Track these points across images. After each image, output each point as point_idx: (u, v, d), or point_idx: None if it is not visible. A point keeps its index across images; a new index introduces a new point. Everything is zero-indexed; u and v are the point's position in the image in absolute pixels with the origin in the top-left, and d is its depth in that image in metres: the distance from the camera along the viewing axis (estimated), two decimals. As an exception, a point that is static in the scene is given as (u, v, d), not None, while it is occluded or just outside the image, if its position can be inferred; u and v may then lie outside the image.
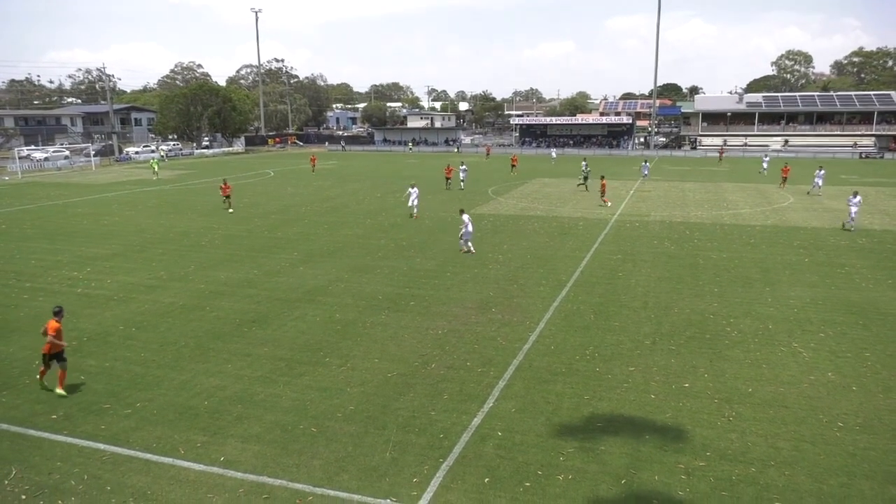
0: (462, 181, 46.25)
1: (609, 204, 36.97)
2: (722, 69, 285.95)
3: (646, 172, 52.11)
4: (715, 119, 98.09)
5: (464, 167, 47.43)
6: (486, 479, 9.52)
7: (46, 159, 72.28)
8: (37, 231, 30.39)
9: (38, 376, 12.75)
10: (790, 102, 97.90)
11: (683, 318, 16.70)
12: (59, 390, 12.48)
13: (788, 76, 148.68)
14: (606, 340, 15.17)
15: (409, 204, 33.43)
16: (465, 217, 24.62)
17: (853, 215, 29.02)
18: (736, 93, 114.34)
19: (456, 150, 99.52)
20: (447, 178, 46.74)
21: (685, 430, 10.96)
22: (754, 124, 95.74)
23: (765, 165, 56.02)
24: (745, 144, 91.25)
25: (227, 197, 36.54)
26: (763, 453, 10.18)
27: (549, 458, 10.10)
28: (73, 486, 9.46)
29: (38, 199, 42.47)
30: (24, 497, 9.19)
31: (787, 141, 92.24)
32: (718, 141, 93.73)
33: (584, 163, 52.09)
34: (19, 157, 64.81)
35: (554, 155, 76.22)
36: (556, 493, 9.19)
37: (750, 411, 11.58)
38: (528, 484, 9.40)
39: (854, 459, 9.97)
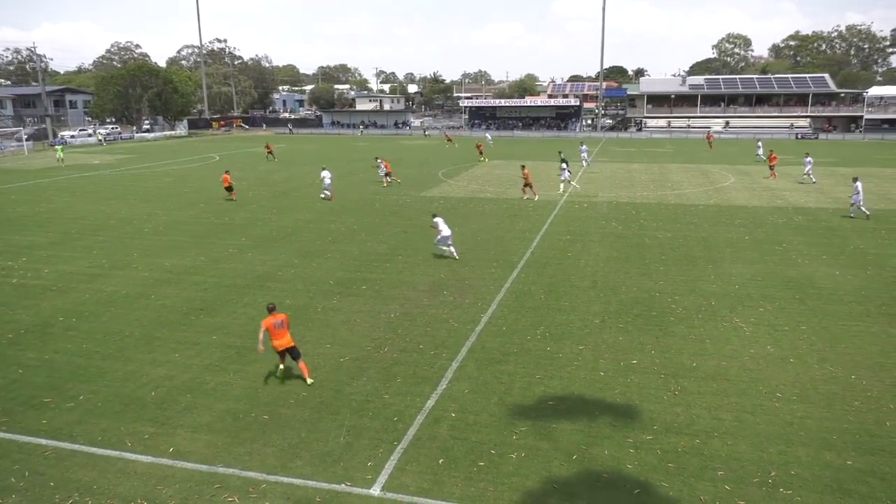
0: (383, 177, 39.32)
1: (537, 197, 33.05)
2: (666, 52, 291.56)
3: (586, 157, 48.36)
4: (659, 101, 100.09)
5: (380, 162, 40.18)
6: (441, 460, 9.60)
7: (-25, 144, 68.76)
8: (-34, 220, 28.93)
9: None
10: (730, 85, 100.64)
11: (631, 297, 17.09)
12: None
13: (729, 59, 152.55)
14: (557, 320, 15.41)
15: (324, 186, 33.40)
16: (438, 219, 21.19)
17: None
18: (679, 75, 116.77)
19: (424, 134, 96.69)
20: (387, 174, 38.87)
21: (633, 405, 11.26)
22: (697, 106, 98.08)
23: (759, 151, 54.03)
24: (689, 126, 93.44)
25: (230, 188, 33.51)
26: (707, 425, 10.55)
27: (503, 437, 10.25)
28: (14, 484, 9.12)
29: (-33, 186, 40.40)
30: (-40, 497, 8.83)
31: (728, 122, 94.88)
32: (663, 122, 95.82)
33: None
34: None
35: (489, 137, 73.98)
36: (510, 471, 9.34)
37: (694, 385, 11.97)
38: (482, 463, 9.52)
39: (792, 428, 10.42)
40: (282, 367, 12.42)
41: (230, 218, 28.63)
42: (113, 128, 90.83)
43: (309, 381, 12.15)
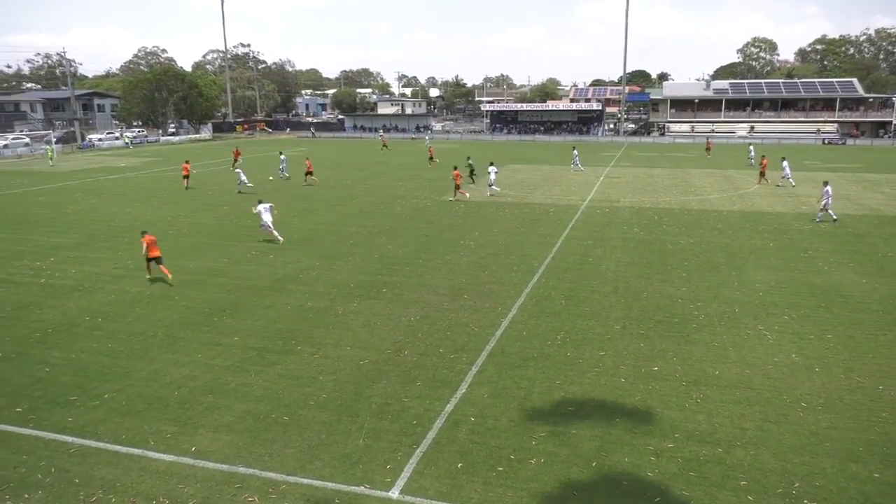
0: (282, 171, 43.91)
1: (466, 196, 34.42)
2: (690, 56, 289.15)
3: (577, 162, 49.51)
4: (683, 105, 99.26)
5: (283, 158, 44.93)
6: (460, 464, 9.59)
7: (6, 146, 70.26)
8: (-3, 220, 29.56)
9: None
10: (756, 89, 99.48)
11: (652, 303, 16.94)
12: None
13: (754, 63, 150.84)
14: (577, 325, 15.33)
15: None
16: (260, 206, 23.64)
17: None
18: (703, 80, 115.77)
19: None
20: (309, 174, 41.41)
21: (654, 412, 11.15)
22: (721, 111, 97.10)
23: (751, 156, 54.16)
24: (713, 131, 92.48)
25: (187, 177, 39.81)
26: (729, 434, 10.42)
27: (522, 442, 10.21)
28: (40, 480, 9.29)
29: (-2, 188, 41.29)
30: (-12, 492, 9.01)
31: (752, 127, 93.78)
32: (686, 127, 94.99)
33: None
34: (-23, 145, 62.84)
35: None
36: (529, 476, 9.30)
37: (716, 393, 11.83)
38: (500, 468, 9.49)
39: (816, 438, 10.25)
40: (148, 276, 18.87)
41: (252, 220, 28.83)
42: (139, 131, 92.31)
43: (170, 277, 18.57)
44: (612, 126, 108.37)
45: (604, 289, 18.24)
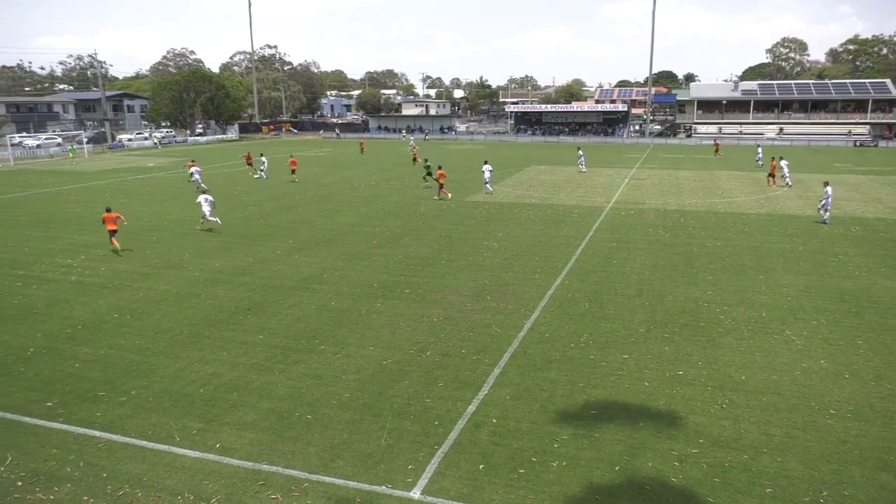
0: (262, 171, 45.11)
1: (449, 196, 35.08)
2: (717, 56, 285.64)
3: (583, 163, 49.66)
4: (710, 107, 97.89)
5: (264, 160, 46.07)
6: (481, 466, 9.57)
7: (38, 146, 71.83)
8: (29, 218, 30.25)
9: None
10: (785, 90, 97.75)
11: (677, 306, 16.76)
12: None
13: (783, 64, 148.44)
14: (601, 328, 15.22)
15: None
16: (202, 198, 27.11)
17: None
18: (731, 80, 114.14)
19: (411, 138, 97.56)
20: (292, 171, 44.12)
21: (679, 417, 11.03)
22: (749, 112, 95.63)
23: (759, 157, 54.20)
24: (741, 132, 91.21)
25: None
26: (755, 440, 10.26)
27: (544, 444, 10.16)
28: (69, 473, 9.47)
29: (31, 187, 42.23)
30: (20, 483, 9.21)
31: (781, 129, 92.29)
32: (713, 129, 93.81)
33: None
34: (11, 145, 64.38)
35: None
36: (551, 479, 9.26)
37: (743, 398, 11.66)
38: (522, 470, 9.47)
39: (845, 446, 10.06)
40: (112, 248, 22.76)
41: (277, 220, 29.17)
42: (168, 131, 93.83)
43: (118, 248, 22.69)
44: (637, 127, 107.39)
45: (628, 291, 18.09)
